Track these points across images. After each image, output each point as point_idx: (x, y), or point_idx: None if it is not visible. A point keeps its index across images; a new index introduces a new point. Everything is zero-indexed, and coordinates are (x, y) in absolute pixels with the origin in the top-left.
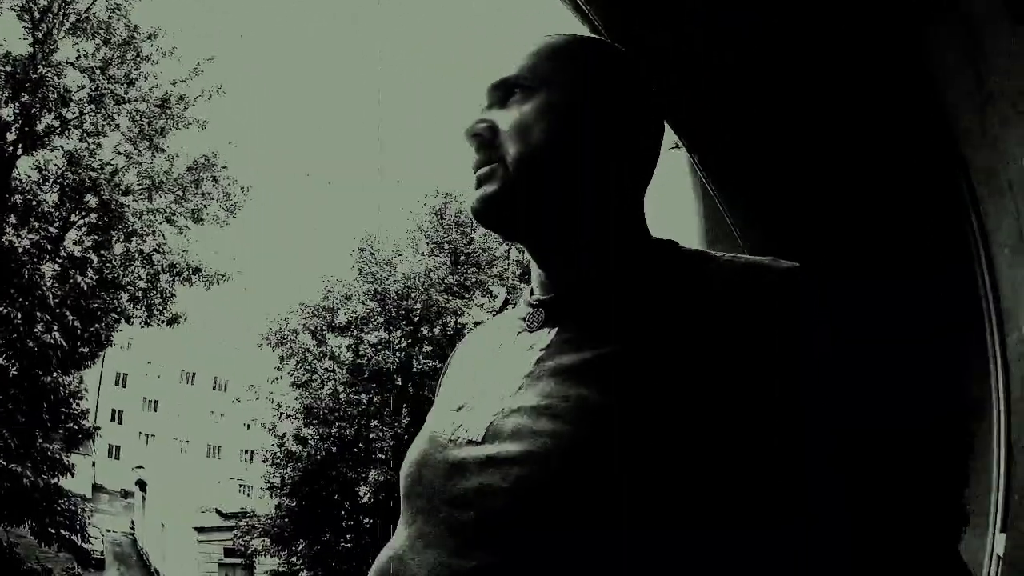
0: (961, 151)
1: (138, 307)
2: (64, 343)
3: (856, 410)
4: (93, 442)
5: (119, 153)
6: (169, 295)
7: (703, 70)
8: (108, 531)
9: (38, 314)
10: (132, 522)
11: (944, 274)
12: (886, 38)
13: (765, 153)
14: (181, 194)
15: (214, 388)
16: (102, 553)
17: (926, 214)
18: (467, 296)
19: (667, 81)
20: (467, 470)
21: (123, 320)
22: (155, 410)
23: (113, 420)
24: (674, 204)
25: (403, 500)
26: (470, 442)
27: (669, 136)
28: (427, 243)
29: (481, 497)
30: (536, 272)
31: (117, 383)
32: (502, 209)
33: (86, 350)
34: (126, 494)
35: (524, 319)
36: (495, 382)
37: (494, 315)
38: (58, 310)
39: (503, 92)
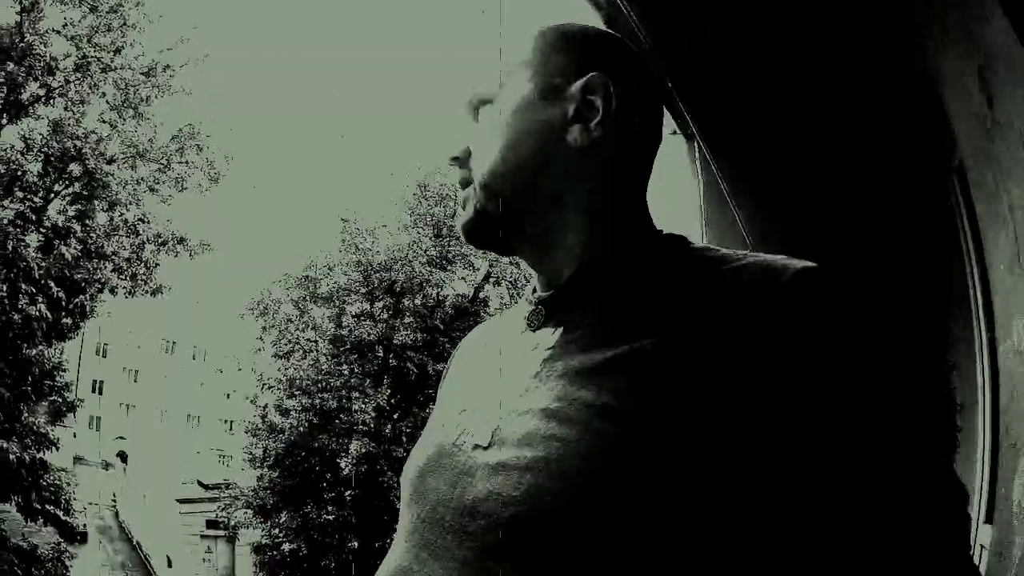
0: (965, 169)
1: (123, 277)
2: (49, 315)
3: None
4: (74, 414)
5: (103, 121)
6: (153, 265)
7: (725, 64)
8: (90, 504)
9: (22, 286)
10: (114, 494)
11: (936, 278)
12: (901, 58)
13: (780, 148)
14: (165, 163)
15: (193, 358)
16: (85, 527)
17: (926, 221)
18: (449, 268)
19: (685, 71)
20: (474, 476)
21: (108, 291)
22: (135, 380)
23: (94, 391)
24: (671, 190)
25: (404, 507)
26: (476, 447)
27: (669, 123)
28: (410, 215)
29: (491, 505)
30: (534, 272)
31: (98, 353)
32: (479, 233)
33: (69, 321)
34: (107, 465)
35: (526, 318)
36: (500, 384)
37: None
38: (42, 281)
39: (474, 108)
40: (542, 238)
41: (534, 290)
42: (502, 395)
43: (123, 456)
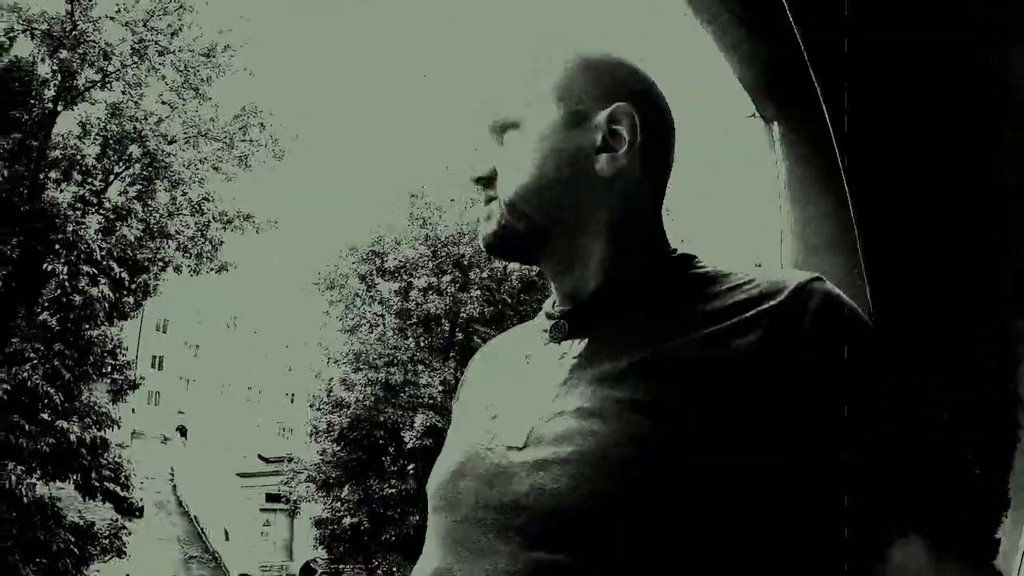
0: None
1: (187, 256)
2: (111, 295)
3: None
4: (134, 392)
5: (163, 103)
6: (218, 243)
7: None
8: (148, 478)
9: (84, 268)
10: (172, 468)
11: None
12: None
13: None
14: (228, 141)
15: (255, 332)
16: (142, 501)
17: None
18: None
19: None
20: (514, 475)
21: (173, 270)
22: (196, 356)
23: (154, 367)
24: (755, 175)
25: (435, 515)
26: (511, 448)
27: (747, 105)
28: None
29: (533, 499)
30: (554, 285)
31: (158, 329)
32: (502, 247)
33: (131, 300)
34: (165, 440)
35: (548, 331)
36: (528, 390)
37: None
38: (104, 263)
39: (500, 131)
40: (565, 256)
41: (553, 304)
42: (532, 400)
43: (182, 430)
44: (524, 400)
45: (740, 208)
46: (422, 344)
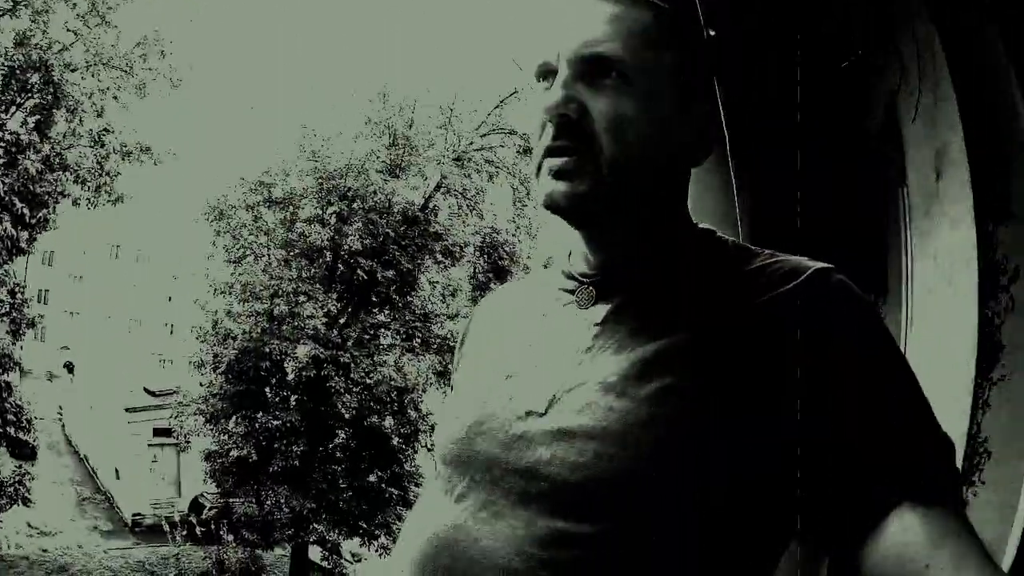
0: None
1: (86, 188)
2: (13, 232)
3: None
4: (33, 330)
5: (68, 30)
6: (115, 174)
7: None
8: (38, 418)
9: None
10: (60, 407)
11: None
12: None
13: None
14: (128, 68)
15: (137, 261)
16: (35, 441)
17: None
18: (401, 176)
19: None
20: (534, 441)
21: (71, 203)
22: (80, 288)
23: (40, 301)
24: None
25: (447, 467)
26: (531, 413)
27: None
28: (366, 123)
29: (555, 469)
30: (578, 244)
31: (43, 262)
32: (589, 208)
33: (26, 235)
34: (52, 377)
35: (570, 291)
36: (547, 353)
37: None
38: (6, 198)
39: (594, 68)
40: (623, 223)
41: (570, 263)
42: (553, 365)
43: (69, 367)
44: (544, 363)
45: None
46: (304, 275)
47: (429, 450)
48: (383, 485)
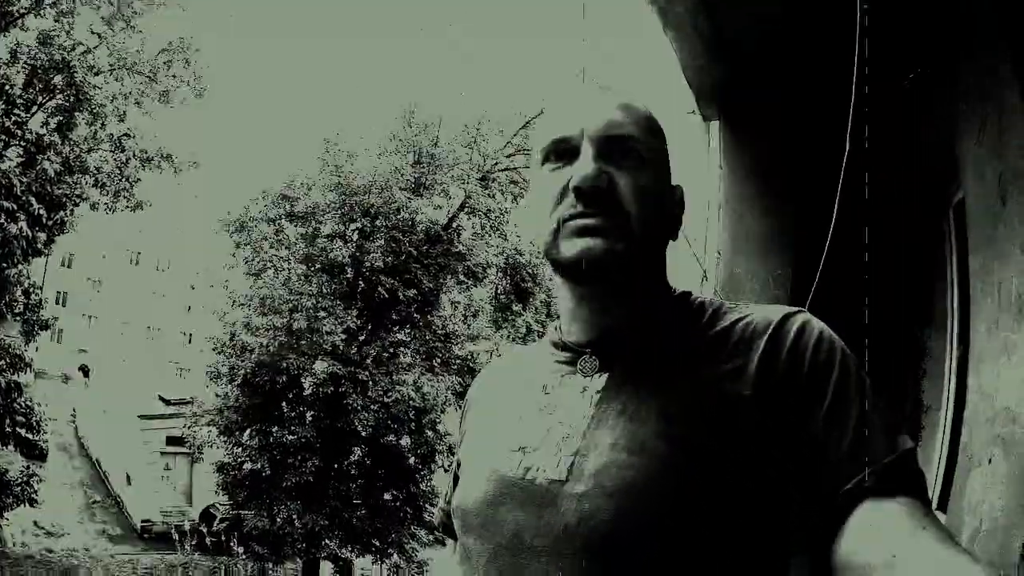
0: (966, 215)
1: (104, 193)
2: (29, 233)
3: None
4: (47, 331)
5: (93, 33)
6: (135, 180)
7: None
8: (50, 419)
9: (3, 203)
10: (73, 410)
11: (919, 295)
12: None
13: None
14: (152, 75)
15: (157, 269)
16: (46, 443)
17: (920, 241)
18: (425, 195)
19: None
20: (562, 506)
21: (89, 207)
22: (99, 292)
23: (58, 303)
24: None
25: (468, 535)
26: (554, 481)
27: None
28: (391, 139)
29: (583, 529)
30: (578, 312)
31: (63, 264)
32: (622, 266)
33: (44, 236)
34: (66, 379)
35: (568, 363)
36: (557, 425)
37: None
38: (23, 198)
39: (616, 147)
40: (630, 288)
41: (560, 330)
42: (563, 434)
43: (85, 370)
44: (555, 434)
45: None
46: (325, 291)
47: (446, 471)
48: (398, 504)
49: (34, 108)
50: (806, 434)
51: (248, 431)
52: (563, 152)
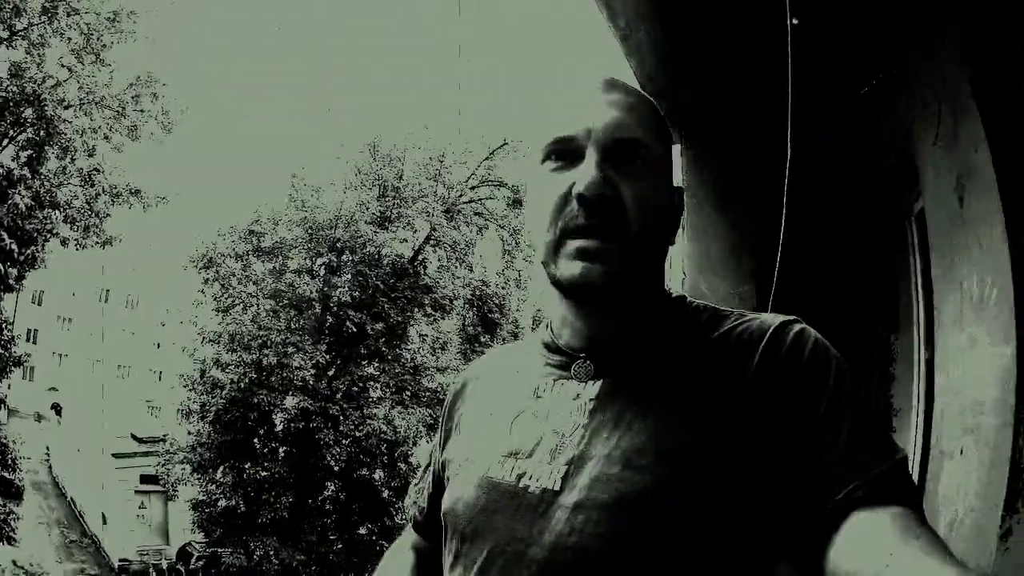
0: (926, 222)
1: (74, 228)
2: (2, 268)
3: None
4: (21, 368)
5: (62, 66)
6: (104, 216)
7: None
8: (24, 458)
9: None
10: (47, 448)
11: (886, 299)
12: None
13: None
14: (120, 109)
15: (126, 306)
16: (21, 481)
17: (885, 246)
18: (391, 228)
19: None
20: (554, 516)
21: (60, 243)
22: (68, 330)
23: (28, 340)
24: None
25: (463, 543)
26: (547, 491)
27: None
28: (356, 174)
29: (577, 540)
30: (571, 318)
31: (33, 302)
32: (617, 289)
33: (15, 271)
34: (39, 418)
35: (560, 367)
36: (549, 432)
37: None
38: None
39: (623, 151)
40: (624, 298)
41: (551, 333)
42: (557, 442)
43: (57, 408)
44: (548, 442)
45: None
46: (294, 327)
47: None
48: (373, 538)
49: (5, 141)
50: (800, 443)
51: (221, 468)
52: (565, 152)
